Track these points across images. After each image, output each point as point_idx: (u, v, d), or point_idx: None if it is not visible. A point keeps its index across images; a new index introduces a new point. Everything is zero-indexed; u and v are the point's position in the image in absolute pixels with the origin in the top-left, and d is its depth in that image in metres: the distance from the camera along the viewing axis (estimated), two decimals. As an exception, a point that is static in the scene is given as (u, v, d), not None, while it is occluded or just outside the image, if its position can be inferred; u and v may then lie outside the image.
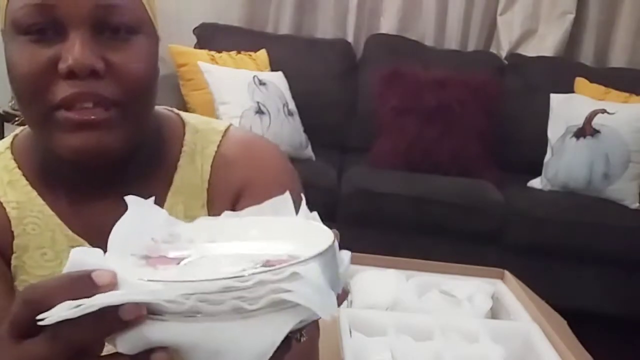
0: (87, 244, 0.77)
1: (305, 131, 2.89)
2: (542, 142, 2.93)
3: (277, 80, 2.89)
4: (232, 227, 0.57)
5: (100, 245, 0.50)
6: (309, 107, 2.92)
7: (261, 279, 0.44)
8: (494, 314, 1.63)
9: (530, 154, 2.99)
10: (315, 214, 0.56)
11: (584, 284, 2.69)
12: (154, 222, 0.56)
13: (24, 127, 0.82)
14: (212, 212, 0.80)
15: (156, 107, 0.79)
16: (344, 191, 2.69)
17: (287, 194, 0.58)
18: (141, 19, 0.71)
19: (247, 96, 2.72)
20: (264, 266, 0.47)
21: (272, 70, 2.96)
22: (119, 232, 0.52)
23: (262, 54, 3.01)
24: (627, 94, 2.97)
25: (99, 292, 0.44)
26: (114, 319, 0.43)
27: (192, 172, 0.82)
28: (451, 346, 1.37)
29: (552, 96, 2.97)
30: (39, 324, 0.44)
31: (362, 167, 2.87)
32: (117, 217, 0.54)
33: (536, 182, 2.91)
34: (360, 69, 3.21)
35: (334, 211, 2.62)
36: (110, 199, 0.76)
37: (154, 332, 0.44)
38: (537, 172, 2.91)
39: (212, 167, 0.82)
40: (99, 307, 0.43)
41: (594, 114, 2.81)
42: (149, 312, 0.44)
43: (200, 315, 0.43)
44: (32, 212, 0.77)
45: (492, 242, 2.68)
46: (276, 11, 3.35)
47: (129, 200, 0.55)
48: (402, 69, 2.97)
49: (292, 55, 3.09)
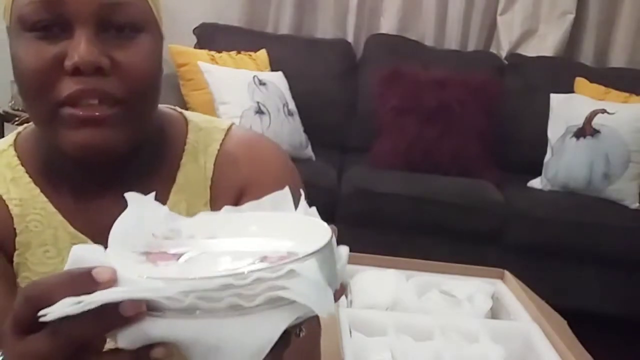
0: (89, 241, 0.77)
1: (305, 131, 2.89)
2: (542, 142, 2.93)
3: (277, 80, 2.89)
4: (232, 223, 0.57)
5: (102, 242, 0.51)
6: (309, 107, 2.92)
7: (259, 277, 0.44)
8: (494, 314, 1.63)
9: (530, 154, 2.99)
10: (314, 210, 0.56)
11: (584, 284, 2.69)
12: (155, 218, 0.57)
13: (26, 125, 0.83)
14: (215, 210, 0.80)
15: (159, 106, 0.80)
16: (344, 191, 2.69)
17: (286, 189, 0.58)
18: (146, 18, 0.71)
19: (247, 96, 2.72)
20: (262, 262, 0.48)
21: (272, 70, 2.96)
22: (119, 229, 0.53)
23: (262, 54, 3.01)
24: (627, 94, 2.97)
25: (99, 289, 0.45)
26: (114, 315, 0.44)
27: (195, 170, 0.82)
28: (451, 346, 1.37)
29: (552, 96, 2.97)
30: (41, 320, 0.44)
31: (362, 167, 2.87)
32: (120, 215, 0.54)
33: (536, 182, 2.91)
34: (360, 69, 3.21)
35: (334, 211, 2.62)
36: (113, 197, 0.76)
37: (154, 328, 0.44)
38: (537, 172, 2.91)
39: (215, 165, 0.82)
40: (99, 304, 0.43)
41: (594, 114, 2.81)
42: (149, 308, 0.44)
43: (199, 312, 0.44)
44: (34, 210, 0.78)
45: (492, 242, 2.68)
46: (276, 11, 3.35)
47: (129, 196, 0.55)
48: (402, 69, 2.97)
49: (292, 55, 3.09)
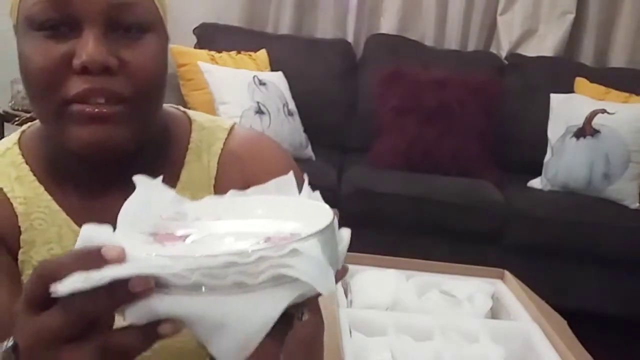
0: None
1: (305, 131, 2.89)
2: (542, 142, 2.93)
3: (277, 80, 2.89)
4: (237, 205, 0.59)
5: None
6: (309, 107, 2.92)
7: (262, 255, 0.45)
8: (494, 314, 1.63)
9: (530, 154, 2.99)
10: (317, 193, 0.57)
11: (584, 284, 2.69)
12: (162, 201, 0.58)
13: (31, 123, 0.83)
14: None
15: (163, 105, 0.81)
16: (344, 191, 2.69)
17: (290, 174, 0.60)
18: (153, 18, 0.72)
19: (247, 96, 2.72)
20: (265, 243, 0.49)
21: (272, 70, 2.96)
22: (127, 210, 0.54)
23: (262, 54, 3.01)
24: (627, 94, 2.97)
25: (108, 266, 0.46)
26: (123, 291, 0.45)
27: (198, 168, 0.83)
28: (451, 346, 1.37)
29: (552, 96, 2.97)
30: (52, 295, 0.45)
31: (362, 167, 2.87)
32: None
33: (536, 182, 2.91)
34: (360, 69, 3.21)
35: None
36: (117, 195, 0.76)
37: (161, 304, 0.46)
38: (537, 172, 2.91)
39: (218, 164, 0.83)
40: (109, 280, 0.44)
41: (594, 114, 2.81)
42: (156, 286, 0.45)
43: (204, 289, 0.45)
44: (39, 208, 0.78)
45: (492, 242, 2.68)
46: (276, 11, 3.35)
47: (137, 180, 0.56)
48: (402, 69, 2.97)
49: (292, 55, 3.09)
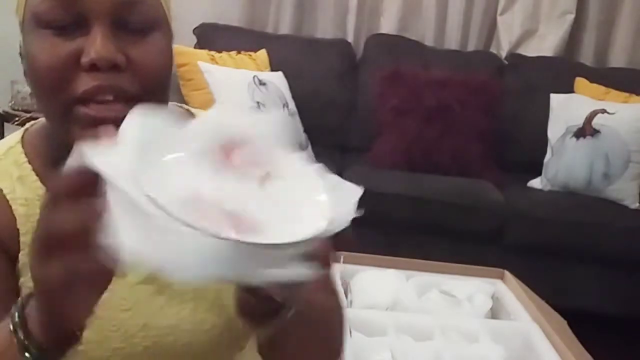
0: None
1: (305, 131, 2.89)
2: (542, 142, 2.93)
3: (277, 80, 2.89)
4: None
5: None
6: (309, 107, 2.92)
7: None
8: (494, 314, 1.63)
9: (530, 154, 2.99)
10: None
11: (584, 284, 2.69)
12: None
13: (34, 122, 0.83)
14: None
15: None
16: (344, 191, 2.69)
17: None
18: (159, 16, 0.72)
19: (247, 96, 2.72)
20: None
21: (272, 70, 2.96)
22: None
23: (262, 54, 3.00)
24: (627, 94, 2.97)
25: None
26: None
27: None
28: (451, 346, 1.37)
29: (552, 96, 2.97)
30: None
31: (362, 167, 2.87)
32: None
33: (536, 182, 2.91)
34: (360, 69, 3.21)
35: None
36: None
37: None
38: (537, 172, 2.91)
39: None
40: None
41: (594, 114, 2.81)
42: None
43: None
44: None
45: (492, 242, 2.68)
46: (276, 11, 3.35)
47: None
48: (402, 69, 2.97)
49: (292, 55, 3.09)
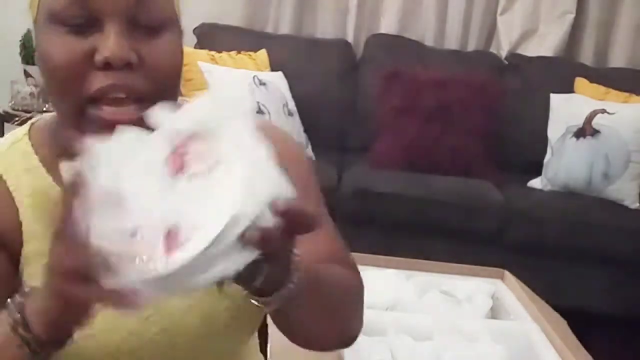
0: None
1: (305, 131, 2.89)
2: (542, 142, 2.93)
3: (277, 80, 2.89)
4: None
5: None
6: (309, 107, 2.91)
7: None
8: (494, 314, 1.63)
9: (530, 154, 2.99)
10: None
11: (584, 284, 2.69)
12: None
13: (39, 117, 0.84)
14: None
15: None
16: (343, 191, 2.69)
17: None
18: (171, 14, 0.74)
19: (247, 96, 2.72)
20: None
21: (272, 70, 2.96)
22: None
23: (262, 54, 3.00)
24: (627, 94, 2.97)
25: None
26: None
27: None
28: (451, 346, 1.37)
29: (552, 96, 2.97)
30: None
31: (362, 167, 2.87)
32: None
33: (536, 182, 2.91)
34: (360, 69, 3.21)
35: (334, 211, 2.61)
36: None
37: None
38: (537, 172, 2.91)
39: None
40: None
41: (594, 114, 2.81)
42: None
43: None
44: (48, 200, 0.79)
45: (492, 242, 2.68)
46: (276, 11, 3.35)
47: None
48: (402, 69, 2.97)
49: (292, 55, 3.08)
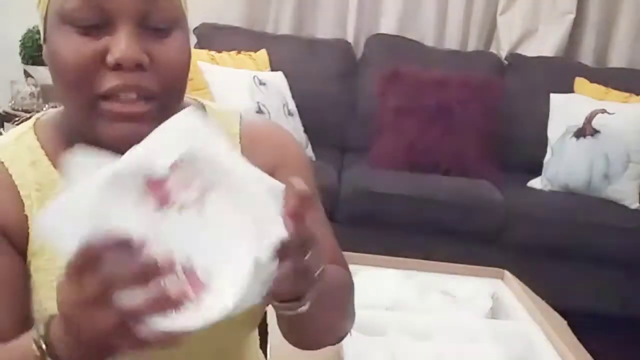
0: None
1: (305, 131, 2.89)
2: (542, 142, 2.93)
3: (277, 80, 2.89)
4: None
5: None
6: (309, 107, 2.91)
7: None
8: (494, 314, 1.63)
9: (530, 154, 2.99)
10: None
11: (584, 284, 2.69)
12: None
13: (43, 112, 0.85)
14: None
15: None
16: (344, 191, 2.69)
17: (281, 186, 0.61)
18: (180, 15, 0.74)
19: (247, 96, 2.72)
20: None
21: (272, 70, 2.96)
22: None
23: (262, 54, 3.00)
24: (627, 94, 2.97)
25: None
26: None
27: None
28: (451, 346, 1.37)
29: (552, 96, 2.97)
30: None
31: (362, 167, 2.87)
32: None
33: (536, 182, 2.91)
34: (360, 69, 3.21)
35: (334, 211, 2.62)
36: None
37: None
38: (537, 172, 2.91)
39: (241, 143, 0.86)
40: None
41: (594, 114, 2.81)
42: None
43: None
44: (55, 194, 0.79)
45: (492, 242, 2.68)
46: (276, 11, 3.35)
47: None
48: (402, 69, 2.97)
49: (292, 55, 3.08)
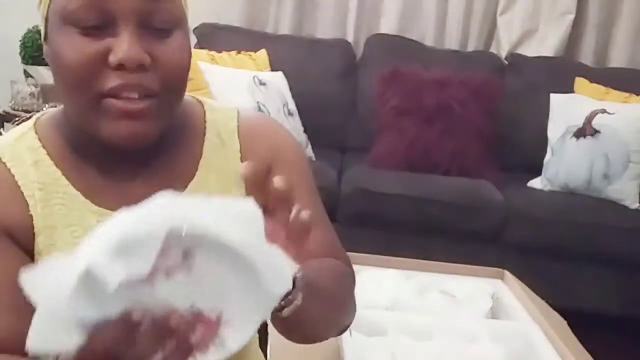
0: None
1: (305, 131, 2.89)
2: (542, 142, 2.92)
3: (277, 80, 2.89)
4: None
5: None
6: (309, 107, 2.91)
7: None
8: (494, 314, 1.63)
9: (530, 154, 2.99)
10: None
11: (584, 284, 2.69)
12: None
13: (43, 111, 0.85)
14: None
15: None
16: (344, 191, 2.69)
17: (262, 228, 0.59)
18: (181, 15, 0.75)
19: (247, 96, 2.72)
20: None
21: (272, 70, 2.96)
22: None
23: (262, 54, 3.00)
24: (627, 94, 2.97)
25: None
26: None
27: (219, 145, 0.87)
28: (451, 346, 1.37)
29: (552, 96, 2.97)
30: None
31: (362, 167, 2.87)
32: (147, 193, 0.57)
33: (536, 182, 2.91)
34: (360, 69, 3.21)
35: (334, 211, 2.61)
36: (141, 179, 0.82)
37: None
38: (537, 172, 2.91)
39: (240, 138, 0.88)
40: None
41: (594, 114, 2.81)
42: None
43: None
44: (57, 193, 0.80)
45: (492, 242, 2.68)
46: (276, 11, 3.35)
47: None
48: (402, 69, 2.97)
49: (292, 55, 3.08)
